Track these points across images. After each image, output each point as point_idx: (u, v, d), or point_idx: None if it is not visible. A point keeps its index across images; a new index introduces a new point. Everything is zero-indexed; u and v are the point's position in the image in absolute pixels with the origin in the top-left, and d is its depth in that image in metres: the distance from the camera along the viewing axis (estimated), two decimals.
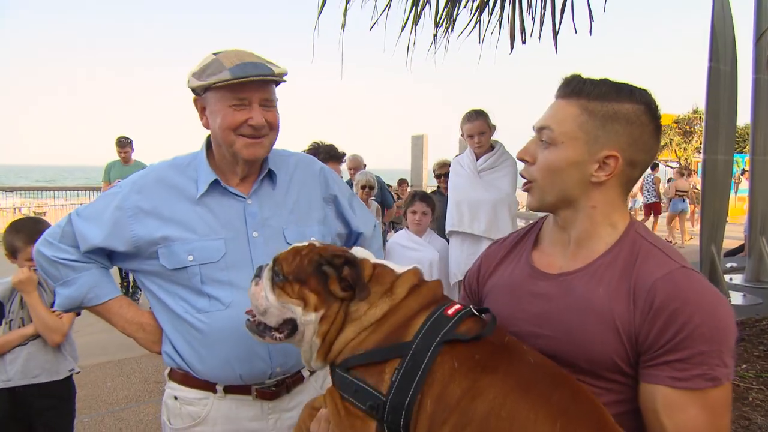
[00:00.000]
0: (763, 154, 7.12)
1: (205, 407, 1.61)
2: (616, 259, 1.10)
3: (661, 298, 1.00)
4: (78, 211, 1.64)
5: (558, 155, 1.12)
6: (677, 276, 1.03)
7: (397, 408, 1.00)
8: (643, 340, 1.01)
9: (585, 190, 1.13)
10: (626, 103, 1.11)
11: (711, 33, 6.39)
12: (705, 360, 0.97)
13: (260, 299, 1.21)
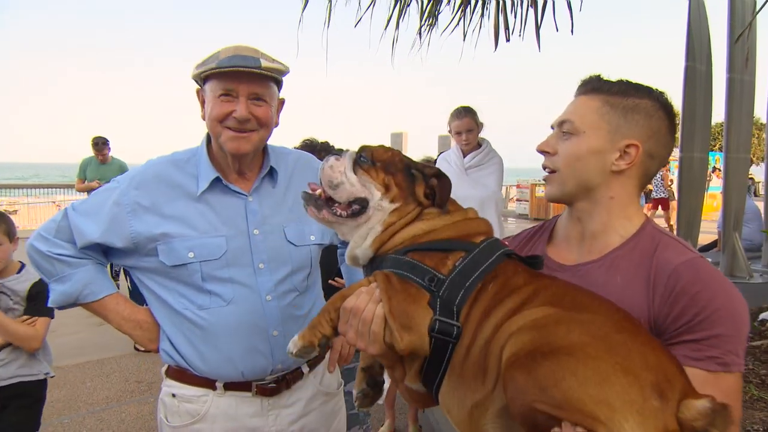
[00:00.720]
0: (736, 152, 7.27)
1: (204, 404, 1.58)
2: (634, 250, 1.13)
3: (684, 281, 1.04)
4: (74, 206, 1.60)
5: (580, 144, 1.15)
6: (698, 263, 1.06)
7: (457, 285, 1.02)
8: (662, 322, 1.04)
9: (605, 179, 1.16)
10: (645, 99, 1.15)
11: (687, 33, 6.51)
12: (719, 344, 1.00)
13: (337, 173, 1.18)
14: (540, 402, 0.81)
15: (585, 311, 0.95)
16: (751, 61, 7.46)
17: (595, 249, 1.18)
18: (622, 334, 0.89)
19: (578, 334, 0.87)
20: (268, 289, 1.58)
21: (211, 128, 1.54)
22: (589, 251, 1.19)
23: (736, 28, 7.11)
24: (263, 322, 1.57)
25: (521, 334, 0.91)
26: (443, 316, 1.00)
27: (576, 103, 1.21)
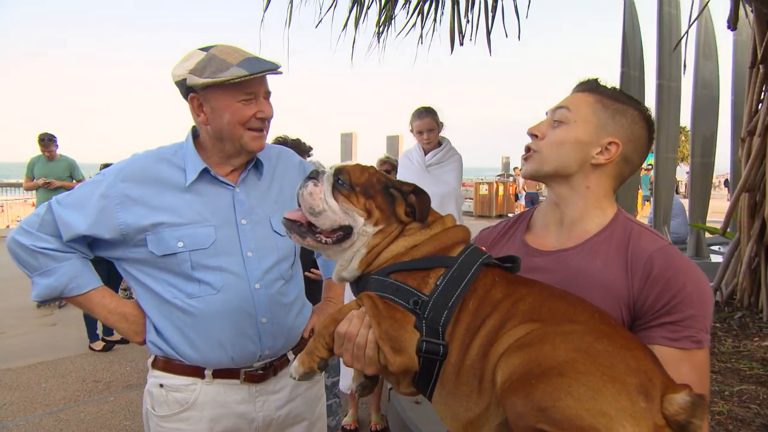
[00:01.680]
0: (665, 152, 7.68)
1: (193, 393, 1.57)
2: (611, 237, 1.19)
3: (658, 267, 1.10)
4: (58, 200, 1.56)
5: (568, 132, 1.21)
6: (669, 250, 1.13)
7: (440, 306, 1.04)
8: (641, 305, 1.11)
9: (583, 169, 1.22)
10: (633, 108, 1.23)
11: (622, 42, 6.84)
12: (693, 324, 1.08)
13: (318, 200, 1.17)
14: (542, 423, 0.84)
15: (564, 321, 0.99)
16: (676, 68, 7.89)
17: (574, 235, 1.23)
18: (602, 342, 0.93)
19: (564, 350, 0.91)
20: (256, 278, 1.59)
21: (232, 132, 1.52)
22: (568, 237, 1.24)
23: (664, 39, 7.52)
24: (252, 309, 1.57)
25: (510, 356, 0.95)
26: (429, 337, 1.04)
27: (573, 96, 1.27)
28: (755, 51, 4.57)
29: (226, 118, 1.51)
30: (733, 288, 4.62)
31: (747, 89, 4.81)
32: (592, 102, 1.23)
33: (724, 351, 3.84)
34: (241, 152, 1.59)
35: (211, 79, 1.45)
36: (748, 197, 4.44)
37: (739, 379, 3.38)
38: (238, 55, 1.48)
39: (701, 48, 8.37)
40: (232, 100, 1.50)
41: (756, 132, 4.33)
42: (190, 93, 1.52)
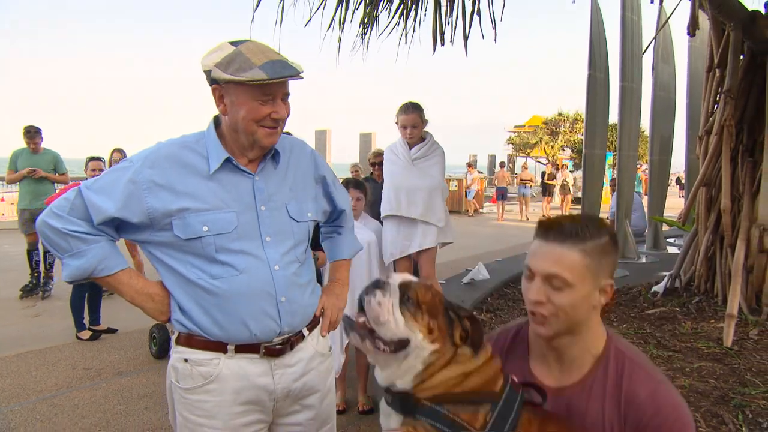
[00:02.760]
0: (627, 150, 7.95)
1: (216, 367, 1.63)
2: (606, 374, 1.26)
3: (648, 415, 1.19)
4: (87, 185, 1.59)
5: (574, 295, 1.23)
6: (660, 394, 1.22)
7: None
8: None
9: (590, 315, 1.28)
10: (604, 237, 1.26)
11: (589, 46, 7.04)
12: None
13: (386, 313, 1.21)
14: None
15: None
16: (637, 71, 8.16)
17: (573, 371, 1.30)
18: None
19: None
20: (275, 260, 1.65)
21: (246, 127, 1.57)
22: (567, 373, 1.31)
23: (626, 43, 7.77)
24: (272, 289, 1.63)
25: None
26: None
27: (556, 255, 1.24)
28: (712, 56, 4.79)
29: (241, 114, 1.56)
30: (691, 275, 4.84)
31: (704, 91, 5.04)
32: (580, 259, 1.22)
33: (684, 332, 4.04)
34: (254, 146, 1.64)
35: (232, 76, 1.49)
36: (705, 191, 4.66)
37: (698, 357, 3.58)
38: (263, 56, 1.52)
39: (660, 53, 8.68)
40: (249, 98, 1.54)
41: (713, 131, 4.55)
42: (213, 83, 1.57)
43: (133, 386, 4.35)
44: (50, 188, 6.95)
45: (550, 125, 34.44)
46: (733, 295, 3.88)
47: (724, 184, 4.33)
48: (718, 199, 4.48)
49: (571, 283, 1.22)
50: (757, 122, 4.40)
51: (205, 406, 1.63)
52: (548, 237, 1.26)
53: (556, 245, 1.24)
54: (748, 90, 4.47)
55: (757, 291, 4.15)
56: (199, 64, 1.58)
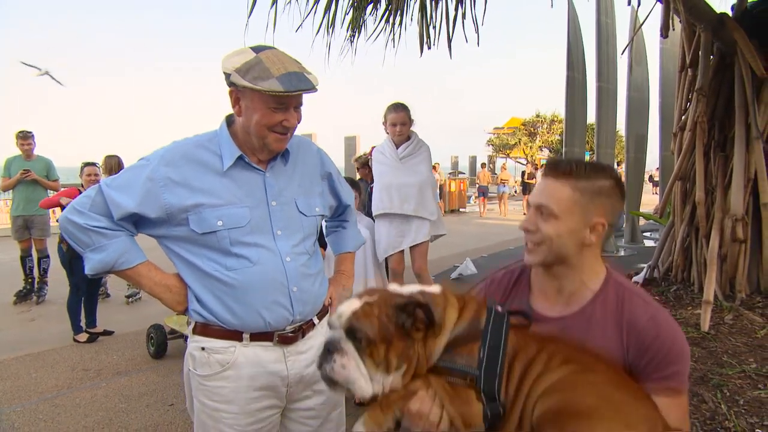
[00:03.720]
0: (605, 148, 8.12)
1: (232, 354, 1.67)
2: (605, 304, 1.31)
3: (649, 337, 1.25)
4: (107, 183, 1.62)
5: (559, 226, 1.29)
6: (658, 319, 1.27)
7: (491, 377, 1.15)
8: (635, 367, 1.26)
9: (579, 250, 1.32)
10: (603, 179, 1.31)
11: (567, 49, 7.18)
12: (676, 376, 1.25)
13: (352, 372, 1.17)
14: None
15: (590, 371, 1.15)
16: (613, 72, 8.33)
17: (573, 302, 1.35)
18: (620, 392, 1.11)
19: (591, 397, 1.08)
20: (286, 252, 1.69)
21: (258, 131, 1.61)
22: (567, 304, 1.35)
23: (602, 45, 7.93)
24: (285, 279, 1.68)
25: (547, 396, 1.10)
26: (490, 402, 1.14)
27: (549, 189, 1.32)
28: (684, 56, 4.93)
29: (255, 119, 1.60)
30: (668, 265, 4.97)
31: (677, 90, 5.18)
32: (570, 193, 1.28)
33: None
34: (264, 149, 1.68)
35: (250, 84, 1.52)
36: (680, 185, 4.80)
37: None
38: (281, 67, 1.54)
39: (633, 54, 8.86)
40: (263, 105, 1.58)
41: (686, 128, 4.68)
42: (231, 86, 1.60)
43: (133, 385, 4.34)
44: (43, 195, 6.88)
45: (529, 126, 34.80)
46: (709, 282, 4.00)
47: (698, 178, 4.45)
48: (693, 192, 4.61)
49: (557, 214, 1.29)
50: (727, 119, 4.54)
51: (222, 392, 1.68)
52: (547, 173, 1.35)
53: (551, 180, 1.32)
54: (718, 88, 4.61)
55: (730, 278, 4.28)
56: (220, 64, 1.62)
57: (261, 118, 1.59)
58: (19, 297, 6.88)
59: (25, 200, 6.66)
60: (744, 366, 3.21)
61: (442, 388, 1.17)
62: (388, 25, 5.22)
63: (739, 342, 3.59)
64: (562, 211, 1.29)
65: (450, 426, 1.15)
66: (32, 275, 6.96)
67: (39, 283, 6.98)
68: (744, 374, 3.12)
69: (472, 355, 1.17)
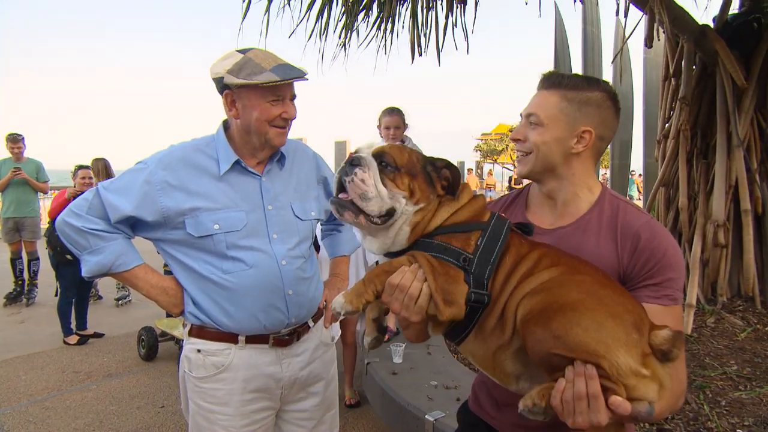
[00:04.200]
0: None
1: (228, 356, 1.67)
2: (600, 214, 1.29)
3: (644, 240, 1.22)
4: (104, 186, 1.62)
5: (545, 134, 1.29)
6: (652, 224, 1.25)
7: (484, 262, 1.13)
8: (630, 271, 1.24)
9: (567, 159, 1.31)
10: (595, 91, 1.29)
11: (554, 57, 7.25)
12: (671, 284, 1.23)
13: (370, 187, 1.17)
14: (555, 348, 0.99)
15: (577, 273, 1.13)
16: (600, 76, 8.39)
17: (567, 214, 1.32)
18: (606, 289, 1.09)
19: (576, 292, 1.05)
20: (282, 255, 1.69)
21: (259, 128, 1.62)
22: (562, 216, 1.33)
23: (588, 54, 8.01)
24: (280, 283, 1.68)
25: (533, 295, 1.08)
26: (476, 289, 1.11)
27: (539, 98, 1.32)
28: (667, 66, 5.00)
29: (254, 115, 1.61)
30: None
31: (660, 99, 5.24)
32: (558, 101, 1.28)
33: None
34: (265, 146, 1.68)
35: (246, 80, 1.54)
36: (664, 191, 4.85)
37: None
38: (271, 61, 1.58)
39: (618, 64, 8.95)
40: (262, 100, 1.59)
41: (670, 135, 4.73)
42: (225, 90, 1.61)
43: (123, 387, 4.30)
44: (33, 197, 6.81)
45: None
46: (692, 287, 4.05)
47: (681, 184, 4.51)
48: (676, 198, 4.66)
49: (543, 122, 1.29)
50: (709, 127, 4.60)
51: (217, 393, 1.67)
52: (539, 85, 1.34)
53: (542, 90, 1.33)
54: (701, 97, 4.67)
55: (712, 282, 4.33)
56: (209, 72, 1.63)
57: (260, 114, 1.60)
58: (8, 299, 6.79)
59: (15, 202, 6.58)
60: (725, 368, 3.26)
61: (427, 262, 1.13)
62: (379, 32, 5.25)
63: (720, 345, 3.64)
64: (549, 119, 1.28)
65: (429, 301, 1.11)
66: (22, 277, 6.87)
67: (29, 285, 6.90)
68: (725, 376, 3.16)
69: (469, 242, 1.16)
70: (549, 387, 1.02)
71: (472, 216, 1.23)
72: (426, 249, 1.17)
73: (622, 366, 0.97)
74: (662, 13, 3.46)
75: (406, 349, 3.43)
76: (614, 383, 0.96)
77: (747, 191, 4.17)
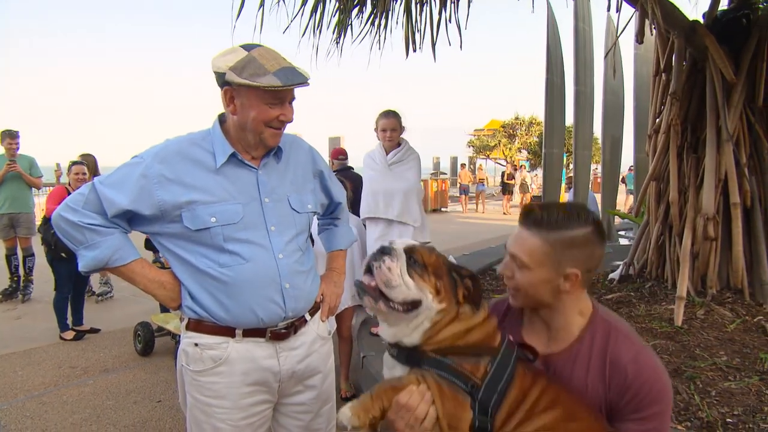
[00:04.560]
0: (582, 149, 8.21)
1: (225, 350, 1.65)
2: (592, 344, 1.30)
3: (631, 376, 1.23)
4: (100, 180, 1.60)
5: (532, 277, 1.29)
6: (641, 358, 1.25)
7: (491, 390, 1.17)
8: (616, 405, 1.26)
9: (557, 296, 1.32)
10: (576, 229, 1.27)
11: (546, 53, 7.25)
12: (657, 417, 1.24)
13: (395, 276, 1.23)
14: None
15: (571, 419, 1.17)
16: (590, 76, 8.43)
17: (560, 340, 1.35)
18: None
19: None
20: (279, 248, 1.68)
21: (255, 127, 1.60)
22: (555, 341, 1.36)
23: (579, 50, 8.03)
24: (277, 276, 1.67)
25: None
26: (480, 415, 1.15)
27: (521, 239, 1.32)
28: (658, 61, 5.00)
29: (252, 115, 1.59)
30: (643, 262, 5.04)
31: (651, 94, 5.25)
32: (539, 245, 1.27)
33: (639, 314, 4.22)
34: (260, 145, 1.67)
35: (247, 81, 1.51)
36: (655, 185, 4.86)
37: (653, 336, 3.75)
38: (275, 63, 1.54)
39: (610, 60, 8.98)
40: (260, 102, 1.57)
41: (661, 130, 4.74)
42: (225, 85, 1.59)
43: (120, 382, 4.28)
44: (27, 193, 6.75)
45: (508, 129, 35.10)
46: (682, 279, 4.07)
47: (672, 178, 4.52)
48: (667, 192, 4.67)
49: (528, 265, 1.28)
50: (699, 121, 4.61)
51: (215, 387, 1.66)
52: (521, 221, 1.34)
53: (524, 230, 1.31)
54: (691, 92, 4.68)
55: (702, 275, 4.35)
56: (210, 65, 1.60)
57: (258, 115, 1.58)
58: (4, 295, 6.74)
59: (11, 198, 6.51)
60: (715, 359, 3.28)
61: (436, 385, 1.16)
62: (373, 27, 5.22)
63: (710, 336, 3.67)
64: (533, 263, 1.28)
65: (434, 425, 1.14)
66: (18, 273, 6.82)
67: (24, 281, 6.84)
68: (715, 366, 3.18)
69: (478, 368, 1.19)
70: None
71: (484, 338, 1.26)
72: (437, 367, 1.19)
73: None
74: (655, 9, 3.46)
75: None
76: None
77: (736, 185, 4.18)
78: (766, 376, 3.02)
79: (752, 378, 3.00)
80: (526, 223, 1.31)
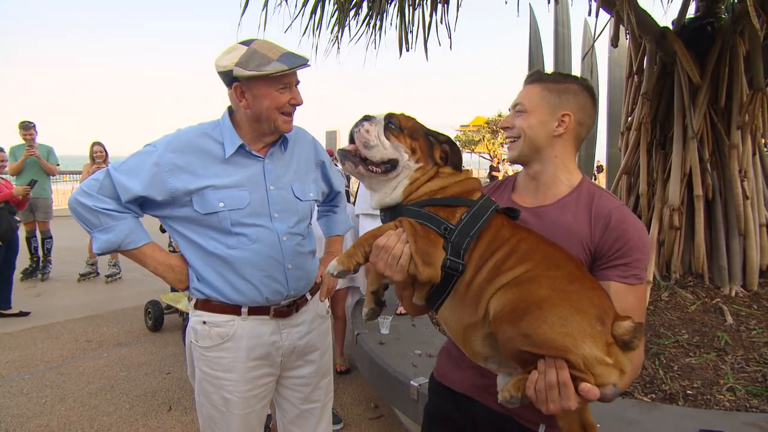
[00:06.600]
0: None
1: (231, 327, 1.64)
2: (578, 197, 1.29)
3: (614, 221, 1.22)
4: (114, 167, 1.57)
5: (530, 119, 1.31)
6: (623, 208, 1.25)
7: (464, 234, 1.12)
8: (599, 249, 1.22)
9: (550, 141, 1.31)
10: (572, 83, 1.32)
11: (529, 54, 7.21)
12: (637, 264, 1.21)
13: (372, 137, 1.20)
14: (525, 345, 0.98)
15: (551, 266, 1.09)
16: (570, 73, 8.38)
17: (549, 196, 1.33)
18: (574, 284, 1.06)
19: (545, 289, 1.03)
20: (283, 232, 1.67)
21: (269, 116, 1.58)
22: (543, 197, 1.33)
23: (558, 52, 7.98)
24: (281, 257, 1.66)
25: (506, 290, 1.06)
26: (453, 256, 1.11)
27: (524, 91, 1.35)
28: (631, 64, 4.99)
29: (265, 104, 1.56)
30: None
31: (624, 94, 5.25)
32: (539, 91, 1.31)
33: None
34: (274, 132, 1.65)
35: (256, 72, 1.49)
36: (626, 179, 4.88)
37: None
38: (276, 51, 1.53)
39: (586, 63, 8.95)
40: (271, 89, 1.55)
41: (632, 127, 4.75)
42: (234, 82, 1.56)
43: (132, 355, 4.27)
44: (46, 180, 6.65)
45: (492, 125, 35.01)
46: (649, 265, 4.11)
47: (642, 172, 4.53)
48: (637, 185, 4.69)
49: (528, 109, 1.31)
50: (667, 120, 4.62)
51: (222, 361, 1.65)
52: (525, 81, 1.38)
53: (527, 85, 1.36)
54: (660, 93, 4.68)
55: (667, 261, 4.39)
56: (214, 66, 1.57)
57: (271, 102, 1.56)
58: (25, 274, 6.69)
59: None
60: (678, 337, 3.31)
61: (411, 226, 1.13)
62: (369, 28, 5.16)
63: (673, 316, 3.70)
64: (532, 106, 1.31)
65: (410, 262, 1.11)
66: (37, 254, 6.75)
67: (43, 261, 6.79)
68: (677, 344, 3.22)
69: (453, 215, 1.15)
70: (523, 378, 1.02)
71: (462, 192, 1.21)
72: (414, 216, 1.15)
73: (588, 357, 0.96)
74: (630, 15, 3.43)
75: (393, 321, 3.43)
76: (583, 372, 0.96)
77: (700, 179, 4.20)
78: (722, 352, 3.06)
79: (710, 354, 3.04)
80: (529, 80, 1.35)
